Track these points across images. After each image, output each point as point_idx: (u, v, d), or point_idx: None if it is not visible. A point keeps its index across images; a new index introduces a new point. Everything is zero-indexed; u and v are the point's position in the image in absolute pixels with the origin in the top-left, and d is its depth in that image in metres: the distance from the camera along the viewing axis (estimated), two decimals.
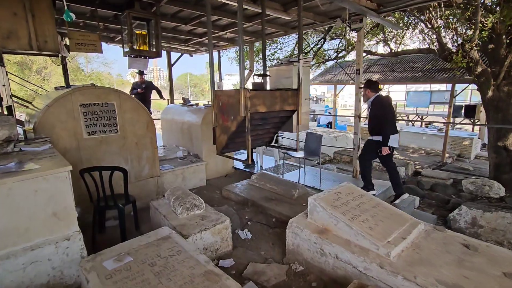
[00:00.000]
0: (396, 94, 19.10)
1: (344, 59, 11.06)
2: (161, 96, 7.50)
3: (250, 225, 3.31)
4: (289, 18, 4.35)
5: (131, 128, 3.61)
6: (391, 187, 4.37)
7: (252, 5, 3.75)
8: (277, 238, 3.02)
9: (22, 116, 5.70)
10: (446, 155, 8.66)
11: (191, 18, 4.92)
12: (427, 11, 5.08)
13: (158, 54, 4.28)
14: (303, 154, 4.62)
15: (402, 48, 8.55)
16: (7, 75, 3.27)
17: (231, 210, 3.47)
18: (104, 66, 28.99)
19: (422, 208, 4.61)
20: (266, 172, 4.80)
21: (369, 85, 3.87)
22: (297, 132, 3.44)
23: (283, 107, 3.22)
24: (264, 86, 3.58)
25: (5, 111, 3.09)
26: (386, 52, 8.68)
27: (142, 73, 6.48)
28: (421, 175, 6.42)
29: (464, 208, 4.00)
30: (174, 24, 5.23)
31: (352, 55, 10.65)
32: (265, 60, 3.77)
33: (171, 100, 8.00)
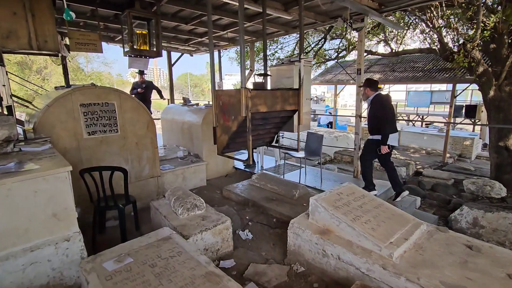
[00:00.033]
0: (397, 94, 19.09)
1: (345, 59, 11.04)
2: (161, 96, 7.48)
3: (251, 226, 3.29)
4: (290, 18, 4.33)
5: (132, 128, 3.60)
6: (394, 196, 4.34)
7: (253, 5, 3.74)
8: (278, 239, 3.01)
9: (22, 116, 5.68)
10: (447, 155, 8.64)
11: (192, 18, 4.91)
12: (428, 11, 5.06)
13: (159, 54, 4.26)
14: (304, 154, 4.61)
15: (403, 48, 8.53)
16: (7, 75, 3.26)
17: (232, 211, 3.46)
18: (104, 66, 29.02)
19: (423, 209, 4.59)
20: (267, 172, 4.78)
21: (369, 84, 3.84)
22: (298, 132, 3.43)
23: (284, 107, 3.20)
24: (265, 86, 3.56)
25: (5, 111, 3.08)
26: (387, 52, 8.67)
27: (142, 73, 6.46)
28: (422, 175, 6.40)
29: (466, 209, 3.98)
30: (175, 24, 5.22)
31: (353, 55, 10.64)
32: (266, 60, 3.75)
33: (172, 100, 7.98)
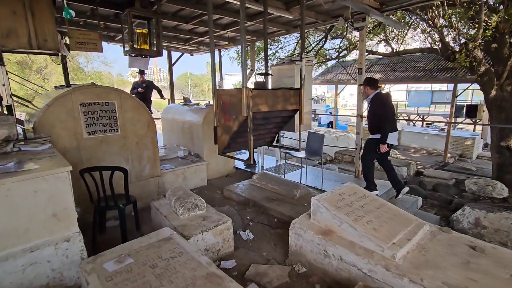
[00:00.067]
0: (397, 94, 19.06)
1: (345, 59, 11.02)
2: (162, 96, 7.46)
3: (252, 226, 3.28)
4: (291, 17, 4.31)
5: (132, 128, 3.58)
6: (395, 194, 4.33)
7: (254, 4, 3.72)
8: (279, 239, 2.99)
9: (23, 116, 5.67)
10: (448, 155, 8.62)
11: (192, 17, 4.89)
12: (430, 10, 5.04)
13: (159, 53, 4.24)
14: (305, 154, 4.59)
15: (404, 48, 8.51)
16: (7, 74, 3.24)
17: (233, 211, 3.44)
18: (105, 66, 28.98)
19: (425, 209, 4.57)
20: (268, 172, 4.77)
21: (369, 82, 3.82)
22: (299, 132, 3.41)
23: (285, 107, 3.18)
24: (266, 85, 3.55)
25: (5, 111, 3.07)
26: (388, 52, 8.65)
27: (143, 73, 6.44)
28: (423, 175, 6.38)
29: (467, 209, 3.96)
30: (175, 23, 5.20)
31: (353, 55, 10.62)
32: (267, 59, 3.73)
33: (172, 100, 7.96)
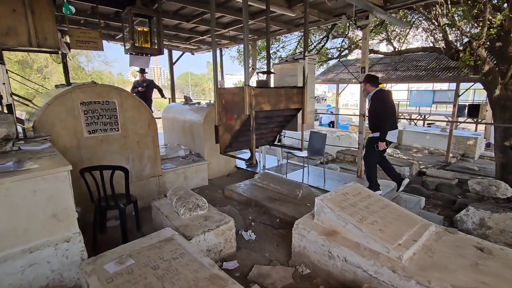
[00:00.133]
0: (399, 94, 18.97)
1: (347, 58, 10.96)
2: (163, 95, 7.41)
3: (254, 226, 3.24)
4: (294, 15, 4.27)
5: (133, 127, 3.55)
6: (396, 188, 4.31)
7: (257, 2, 3.67)
8: (282, 239, 2.95)
9: (23, 115, 5.64)
10: (450, 155, 8.58)
11: (193, 16, 4.85)
12: (433, 8, 4.99)
13: (160, 52, 4.20)
14: (307, 154, 4.55)
15: (406, 47, 8.46)
16: (7, 73, 3.21)
17: (234, 211, 3.41)
18: (105, 65, 28.95)
19: (428, 209, 4.54)
20: (269, 172, 4.73)
21: (369, 80, 3.78)
22: (302, 131, 3.37)
23: (288, 106, 3.15)
24: (269, 84, 3.51)
25: (5, 110, 3.04)
26: (389, 51, 8.60)
27: (143, 71, 6.39)
28: (426, 175, 6.34)
29: (472, 209, 3.92)
30: (176, 22, 5.16)
31: (355, 54, 10.57)
32: (269, 58, 3.69)
33: (173, 99, 7.93)
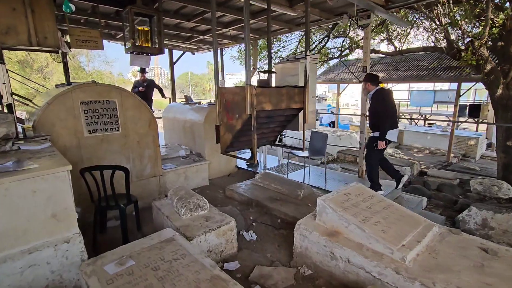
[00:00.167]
0: (399, 94, 18.92)
1: (347, 58, 10.93)
2: (163, 95, 7.39)
3: (255, 226, 3.22)
4: (295, 14, 4.25)
5: (133, 126, 3.53)
6: (396, 185, 4.29)
7: (257, 1, 3.65)
8: (283, 240, 2.93)
9: (23, 115, 5.63)
10: (451, 155, 8.55)
11: (194, 15, 4.83)
12: (435, 8, 4.96)
13: (161, 51, 4.18)
14: (308, 154, 4.53)
15: (407, 47, 8.44)
16: (7, 73, 3.19)
17: (235, 211, 3.39)
18: (105, 65, 29.03)
19: (430, 209, 4.52)
20: (270, 172, 4.71)
21: (369, 78, 3.77)
22: (304, 131, 3.35)
23: (290, 105, 3.12)
24: (270, 84, 3.49)
25: (5, 109, 3.02)
26: (390, 51, 8.57)
27: (144, 71, 6.37)
28: (427, 175, 6.32)
29: (474, 209, 3.90)
30: (177, 21, 5.15)
31: (356, 54, 10.55)
32: (271, 57, 3.67)
33: (173, 99, 7.91)
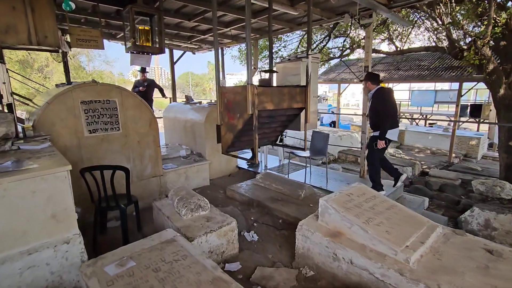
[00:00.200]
0: (400, 94, 18.88)
1: (348, 58, 10.90)
2: (163, 95, 7.37)
3: (256, 227, 3.20)
4: (296, 14, 4.23)
5: (133, 126, 3.51)
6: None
7: (259, 0, 3.63)
8: (285, 240, 2.91)
9: (24, 115, 5.61)
10: (453, 155, 8.52)
11: (195, 14, 4.81)
12: (437, 7, 4.93)
13: (162, 51, 4.16)
14: (309, 154, 4.51)
15: (408, 46, 8.41)
16: (8, 73, 3.18)
17: (237, 211, 3.37)
18: (106, 65, 29.01)
19: (432, 209, 4.48)
20: (271, 172, 4.69)
21: (370, 77, 3.74)
22: (305, 131, 3.32)
23: (291, 105, 3.10)
24: (271, 83, 3.46)
25: (6, 109, 3.00)
26: (391, 50, 8.55)
27: (144, 71, 6.35)
28: (429, 175, 6.29)
29: (477, 210, 3.87)
30: (178, 20, 5.13)
31: (356, 54, 10.51)
32: (272, 57, 3.64)
33: (174, 98, 7.90)
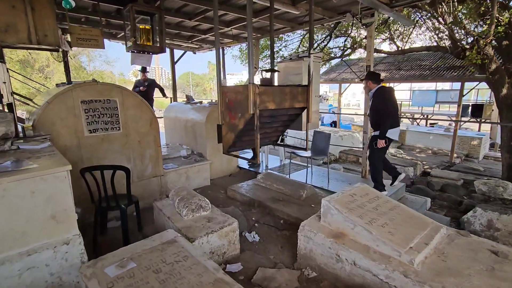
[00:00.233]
0: (401, 93, 18.85)
1: (349, 57, 10.87)
2: (164, 94, 7.35)
3: (257, 227, 3.17)
4: (298, 13, 4.20)
5: (134, 126, 3.49)
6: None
7: None
8: (286, 241, 2.89)
9: (24, 115, 5.60)
10: (454, 155, 8.48)
11: (196, 14, 4.79)
12: (440, 6, 4.90)
13: (162, 50, 4.14)
14: (310, 154, 4.48)
15: (409, 46, 8.38)
16: (8, 72, 3.16)
17: (238, 211, 3.34)
18: (106, 65, 29.07)
19: (434, 210, 4.46)
20: (272, 172, 4.67)
21: (371, 76, 3.72)
22: (307, 131, 3.30)
23: (293, 104, 3.07)
24: (272, 83, 3.44)
25: (6, 109, 2.98)
26: (392, 50, 8.52)
27: (145, 70, 6.33)
28: (430, 176, 6.26)
29: (479, 210, 3.85)
30: (178, 20, 5.11)
31: (357, 54, 10.48)
32: (273, 56, 3.62)
33: (174, 98, 7.88)
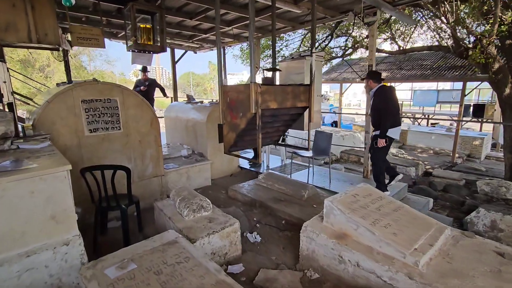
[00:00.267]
0: (402, 93, 18.79)
1: (350, 57, 10.83)
2: (165, 94, 7.34)
3: (259, 228, 3.15)
4: (299, 12, 4.18)
5: (135, 125, 3.47)
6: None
7: None
8: (288, 242, 2.86)
9: (25, 114, 5.58)
10: (456, 155, 8.45)
11: (197, 13, 4.77)
12: (442, 5, 4.86)
13: (163, 49, 4.11)
14: (312, 154, 4.45)
15: (410, 46, 8.34)
16: (8, 72, 3.14)
17: (239, 212, 3.32)
18: (107, 64, 29.04)
19: (436, 210, 4.43)
20: (274, 172, 4.64)
21: (371, 75, 3.69)
22: (309, 130, 3.27)
23: (295, 104, 3.05)
24: (274, 82, 3.42)
25: (6, 108, 2.96)
26: (394, 50, 8.48)
27: (146, 70, 6.31)
28: (432, 176, 6.23)
29: (482, 211, 3.81)
30: (179, 19, 5.09)
31: (358, 53, 10.45)
32: (275, 55, 3.60)
33: (175, 98, 7.86)
